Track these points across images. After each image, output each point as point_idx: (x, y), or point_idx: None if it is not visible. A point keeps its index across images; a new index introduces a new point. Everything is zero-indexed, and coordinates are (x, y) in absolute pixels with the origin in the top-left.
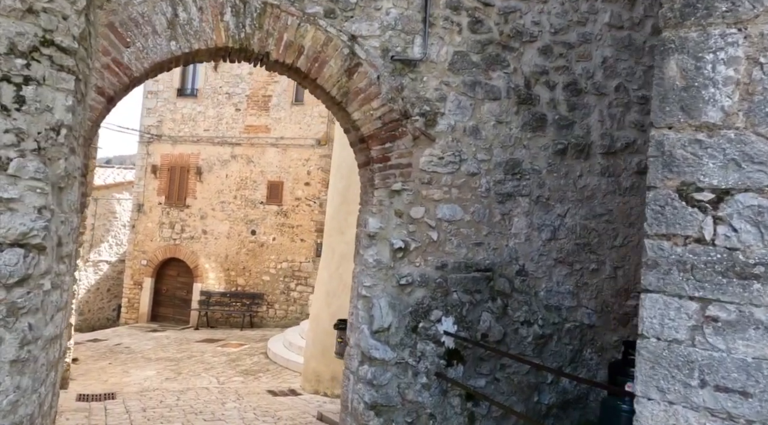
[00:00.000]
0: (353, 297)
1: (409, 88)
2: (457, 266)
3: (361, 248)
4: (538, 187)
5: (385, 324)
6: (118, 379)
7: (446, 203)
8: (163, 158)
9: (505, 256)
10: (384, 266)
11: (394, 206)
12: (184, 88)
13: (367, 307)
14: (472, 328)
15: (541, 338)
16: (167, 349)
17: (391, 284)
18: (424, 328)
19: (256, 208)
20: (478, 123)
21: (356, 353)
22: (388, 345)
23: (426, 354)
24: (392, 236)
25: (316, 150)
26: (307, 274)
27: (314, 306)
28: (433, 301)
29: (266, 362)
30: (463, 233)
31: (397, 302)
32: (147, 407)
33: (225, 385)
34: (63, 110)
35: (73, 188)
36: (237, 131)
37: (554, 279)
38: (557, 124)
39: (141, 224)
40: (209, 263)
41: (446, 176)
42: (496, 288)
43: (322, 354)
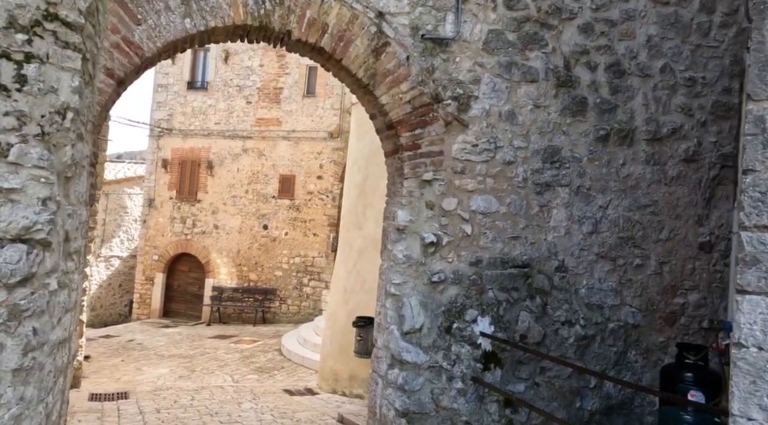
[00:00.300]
0: (380, 295)
1: (441, 69)
2: (493, 262)
3: (389, 242)
4: (578, 176)
5: (416, 324)
6: (131, 377)
7: (480, 193)
8: (174, 152)
9: (544, 251)
10: (414, 262)
11: (424, 197)
12: (194, 81)
13: (397, 306)
14: (509, 329)
15: (583, 339)
16: (180, 346)
17: (422, 282)
18: (458, 329)
19: (268, 202)
20: (514, 107)
21: (385, 355)
22: (420, 348)
23: (461, 356)
24: (423, 230)
25: (328, 143)
26: (320, 269)
27: (331, 303)
28: (467, 300)
29: (280, 359)
30: (498, 226)
31: (428, 300)
32: (161, 407)
33: (240, 384)
34: (69, 91)
35: (81, 178)
36: (248, 124)
37: (596, 276)
38: (599, 108)
39: (152, 219)
40: (221, 258)
41: (480, 164)
42: (534, 286)
43: (340, 352)
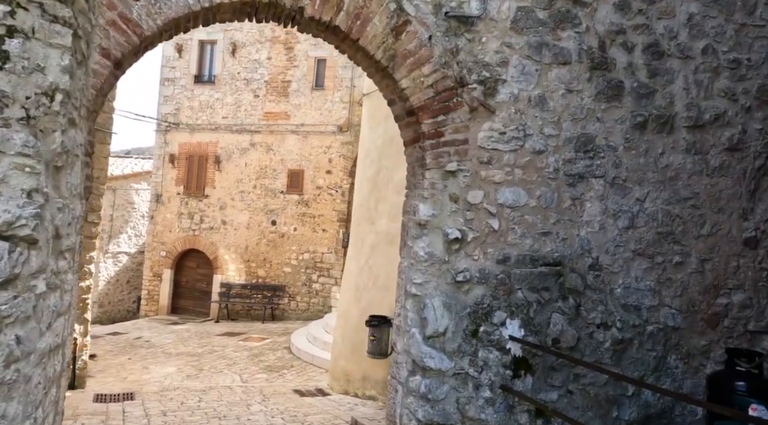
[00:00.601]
0: (400, 296)
1: (466, 50)
2: (522, 260)
3: (410, 238)
4: (613, 166)
5: (440, 327)
6: (138, 376)
7: (508, 185)
8: (181, 147)
9: (576, 247)
10: (437, 259)
11: (448, 189)
12: (201, 74)
13: (418, 307)
14: (540, 332)
15: (619, 343)
16: (188, 343)
17: (445, 281)
18: (485, 333)
19: (276, 197)
20: (544, 92)
21: (405, 361)
22: (444, 353)
23: (489, 363)
24: (446, 225)
25: (337, 137)
26: (330, 265)
27: (342, 301)
28: (494, 301)
29: (290, 357)
30: (527, 220)
31: (452, 302)
32: (167, 410)
33: (249, 383)
34: (58, 70)
35: (74, 168)
36: (256, 118)
37: (632, 274)
38: (636, 92)
39: (159, 215)
40: (229, 254)
41: (508, 154)
42: (566, 285)
43: (352, 352)
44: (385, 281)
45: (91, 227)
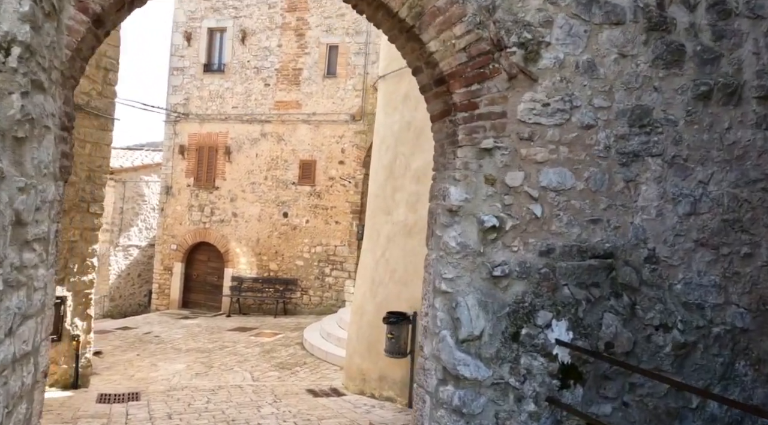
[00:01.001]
0: (427, 293)
1: (504, 8)
2: (568, 251)
3: (438, 227)
4: (673, 144)
5: (475, 330)
6: (145, 374)
7: (552, 165)
8: (191, 138)
9: (630, 237)
10: (471, 251)
11: (483, 170)
12: (210, 63)
13: (449, 306)
14: (591, 335)
15: (681, 347)
16: (198, 339)
17: (480, 276)
18: (528, 336)
19: (288, 189)
20: (594, 57)
21: (434, 368)
22: (480, 359)
23: (533, 371)
24: (481, 211)
25: (350, 126)
26: (343, 258)
27: (357, 296)
28: (537, 299)
29: (303, 354)
30: (574, 206)
31: (489, 300)
32: (173, 412)
33: (260, 382)
34: (15, 18)
35: (42, 142)
36: (266, 107)
37: (694, 268)
38: (699, 58)
39: (170, 208)
40: (240, 247)
41: (552, 129)
42: (619, 280)
43: (368, 350)
44: (402, 275)
45: (93, 218)
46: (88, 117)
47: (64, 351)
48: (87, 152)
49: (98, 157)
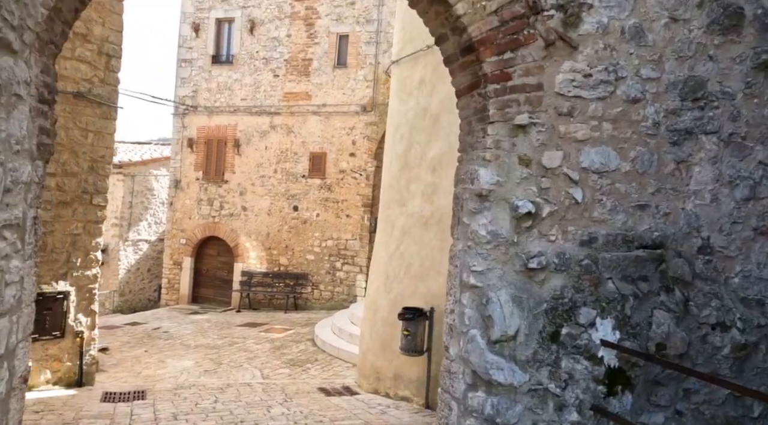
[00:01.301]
0: (453, 288)
1: None
2: (612, 241)
3: (465, 214)
4: (730, 120)
5: (509, 329)
6: (153, 371)
7: (594, 144)
8: (199, 131)
9: (682, 225)
10: (503, 241)
11: (517, 149)
12: (219, 54)
13: (479, 303)
14: (640, 335)
15: (741, 348)
16: (207, 334)
17: (513, 268)
18: (569, 336)
19: (298, 182)
20: (642, 21)
21: (462, 371)
22: (515, 362)
23: (575, 376)
24: (515, 196)
25: (361, 117)
26: (354, 253)
27: (370, 291)
28: (577, 294)
29: (314, 350)
30: (619, 190)
31: (524, 295)
32: (179, 412)
33: (270, 380)
34: None
35: (11, 113)
36: (276, 99)
37: (754, 259)
38: (760, 22)
39: (179, 202)
40: (250, 241)
41: (594, 103)
42: (669, 273)
43: (382, 347)
44: (418, 269)
45: (96, 210)
46: (90, 105)
47: (67, 348)
48: (89, 141)
49: (101, 147)
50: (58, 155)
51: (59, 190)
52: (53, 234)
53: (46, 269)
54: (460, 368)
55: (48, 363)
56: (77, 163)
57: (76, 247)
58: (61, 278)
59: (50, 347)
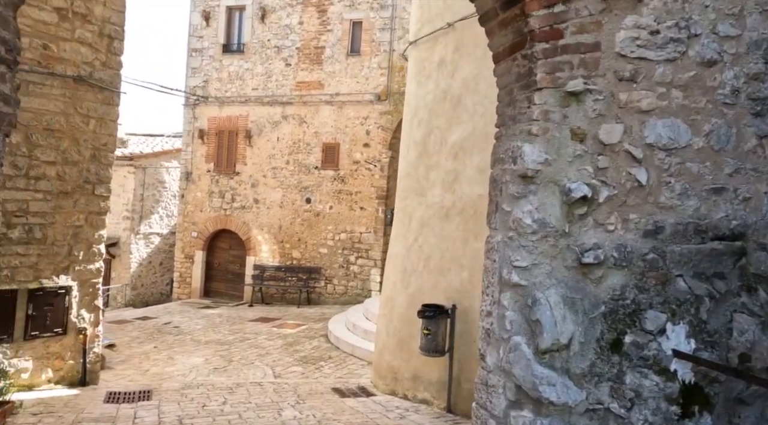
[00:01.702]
0: (490, 286)
1: None
2: (682, 231)
3: (506, 199)
4: None
5: (561, 336)
6: (161, 368)
7: (662, 115)
8: (210, 122)
9: (765, 212)
10: (552, 231)
11: (569, 121)
12: (230, 43)
13: (523, 304)
14: (719, 344)
15: None
16: (219, 330)
17: (564, 264)
18: (634, 345)
19: (311, 173)
20: None
21: (503, 385)
22: (569, 376)
23: (643, 393)
24: (566, 177)
25: (375, 106)
26: (369, 246)
27: (387, 286)
28: (641, 294)
29: (327, 347)
30: (690, 170)
31: (577, 296)
32: (185, 415)
33: (281, 379)
34: None
35: None
36: (288, 88)
37: None
38: None
39: (190, 194)
40: (262, 234)
41: (662, 66)
42: (751, 270)
43: (399, 346)
44: (438, 263)
45: (99, 201)
46: (92, 90)
47: (70, 346)
48: (91, 128)
49: (103, 134)
50: (58, 142)
51: (59, 179)
52: (53, 226)
53: (47, 263)
54: (500, 381)
55: (50, 362)
56: (78, 151)
57: (78, 239)
58: (63, 273)
59: (52, 344)
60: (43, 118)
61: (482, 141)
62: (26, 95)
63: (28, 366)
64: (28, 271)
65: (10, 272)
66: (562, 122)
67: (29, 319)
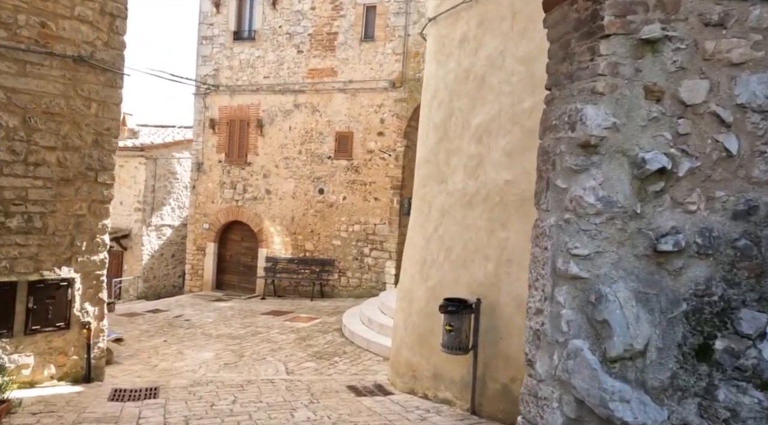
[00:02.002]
0: (540, 278)
1: None
2: None
3: (561, 174)
4: None
5: (635, 340)
6: (170, 363)
7: (756, 69)
8: (221, 111)
9: None
10: (620, 211)
11: (643, 77)
12: (240, 30)
13: (584, 301)
14: None
15: None
16: (230, 323)
17: (634, 252)
18: (727, 352)
19: (324, 163)
20: None
21: (559, 398)
22: (645, 391)
23: (740, 412)
24: (638, 146)
25: (389, 94)
26: (383, 238)
27: (404, 279)
28: (731, 289)
29: (341, 341)
30: None
31: (652, 291)
32: (192, 415)
33: (294, 376)
34: None
35: None
36: (300, 76)
37: None
38: None
39: (201, 185)
40: (274, 226)
41: (758, 7)
42: None
43: (419, 342)
44: (461, 255)
45: (103, 189)
46: (93, 71)
47: (73, 341)
48: (93, 112)
49: (106, 118)
50: (58, 126)
51: (60, 166)
52: (54, 215)
53: (48, 254)
54: (555, 393)
55: (52, 357)
56: (80, 136)
57: (80, 229)
58: (65, 264)
59: (54, 339)
60: (42, 100)
61: (509, 122)
62: (23, 76)
63: (30, 362)
64: (28, 262)
65: (8, 263)
66: (634, 77)
67: (30, 313)
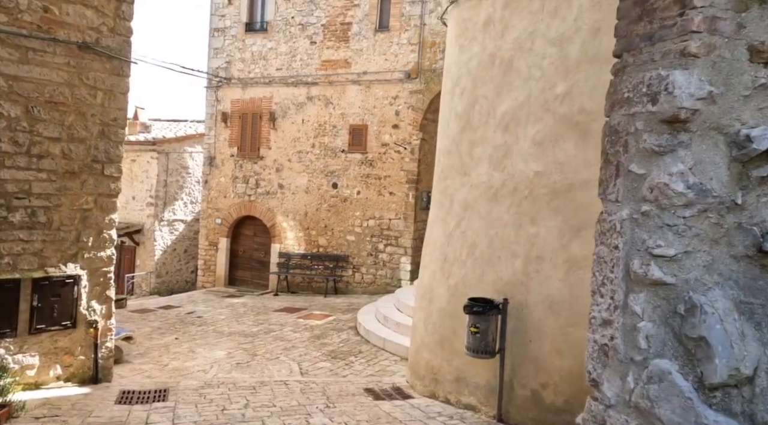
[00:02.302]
0: (608, 282)
1: None
2: None
3: (637, 158)
4: None
5: (742, 363)
6: (181, 362)
7: None
8: (233, 104)
9: None
10: (713, 203)
11: (746, 34)
12: (252, 22)
13: (669, 312)
14: None
15: None
16: (243, 320)
17: (731, 252)
18: None
19: (337, 157)
20: None
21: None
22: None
23: None
24: (739, 121)
25: (405, 85)
26: (398, 233)
27: (424, 276)
28: None
29: (357, 340)
30: None
31: (757, 301)
32: (201, 420)
33: (309, 377)
34: None
35: None
36: (313, 68)
37: None
38: None
39: (213, 179)
40: (287, 221)
41: None
42: None
43: (440, 344)
44: (485, 251)
45: (109, 182)
46: (99, 58)
47: (80, 340)
48: (98, 101)
49: (113, 108)
50: (62, 116)
51: (65, 158)
52: (59, 209)
53: (53, 250)
54: (631, 423)
55: (58, 357)
56: (85, 126)
57: (86, 224)
58: (70, 260)
59: (60, 338)
60: (45, 89)
61: (539, 109)
62: (25, 63)
63: (35, 363)
64: (32, 259)
65: (11, 259)
66: (736, 35)
67: (34, 311)
